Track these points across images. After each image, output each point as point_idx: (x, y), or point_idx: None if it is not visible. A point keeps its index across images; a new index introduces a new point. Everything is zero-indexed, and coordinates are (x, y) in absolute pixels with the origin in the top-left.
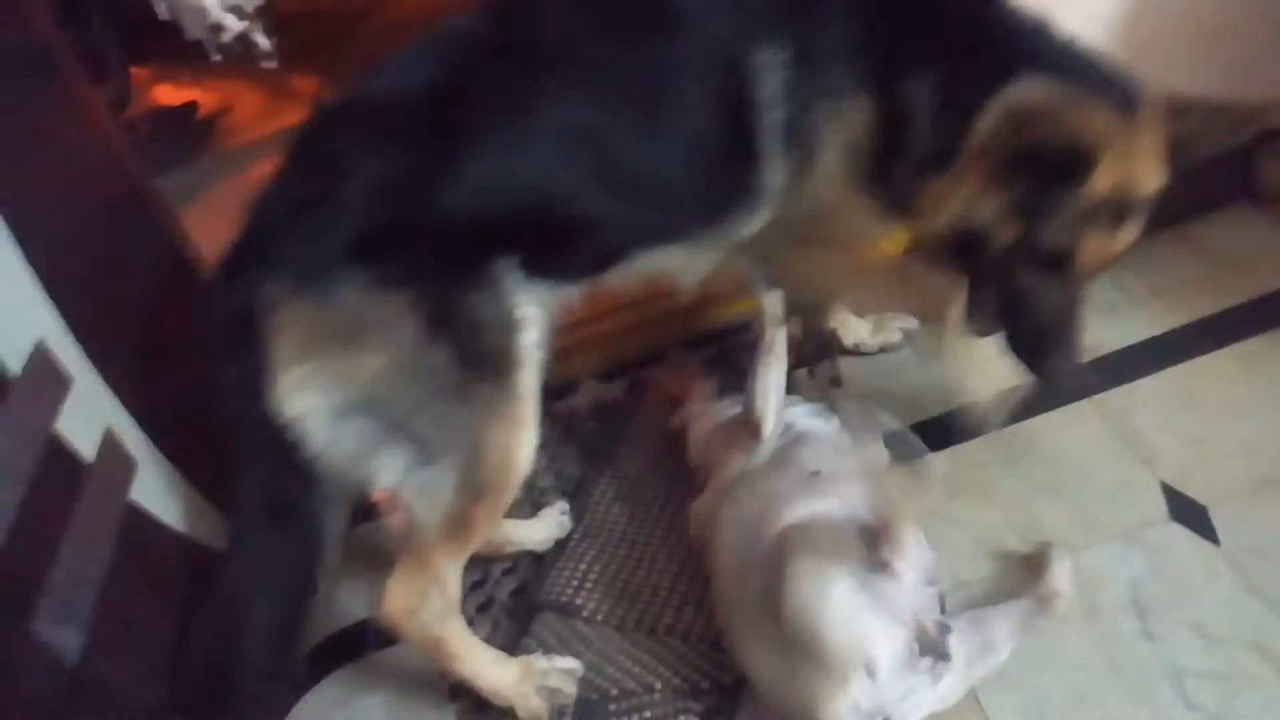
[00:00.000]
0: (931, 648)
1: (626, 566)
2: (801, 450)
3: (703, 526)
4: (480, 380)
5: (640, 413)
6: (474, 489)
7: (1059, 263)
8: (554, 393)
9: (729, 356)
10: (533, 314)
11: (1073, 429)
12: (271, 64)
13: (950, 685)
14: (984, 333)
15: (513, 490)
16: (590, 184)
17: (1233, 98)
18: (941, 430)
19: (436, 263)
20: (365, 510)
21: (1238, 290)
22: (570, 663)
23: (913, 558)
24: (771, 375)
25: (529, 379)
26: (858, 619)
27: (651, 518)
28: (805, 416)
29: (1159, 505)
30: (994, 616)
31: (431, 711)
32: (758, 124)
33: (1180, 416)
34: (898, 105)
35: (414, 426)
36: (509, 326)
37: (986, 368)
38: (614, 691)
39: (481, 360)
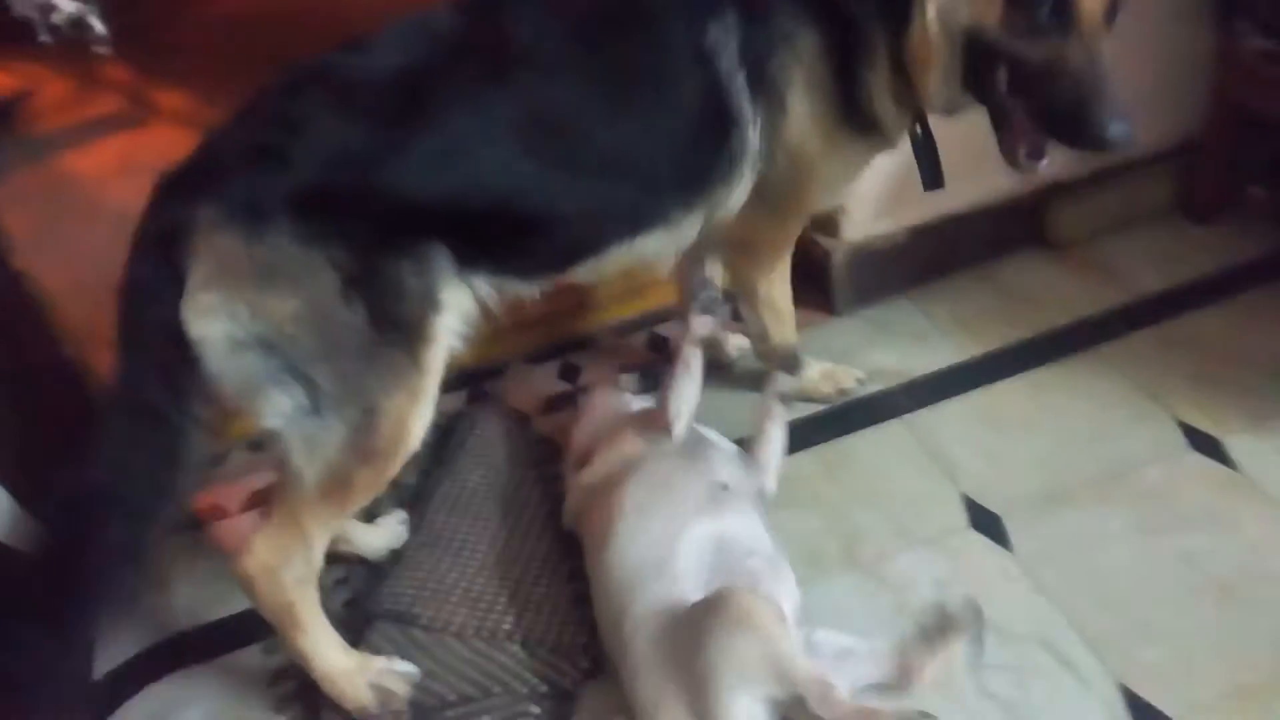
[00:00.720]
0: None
1: (466, 574)
2: (710, 454)
3: (586, 499)
4: (389, 346)
5: (481, 422)
6: (361, 451)
7: (1062, 22)
8: None
9: (572, 371)
10: (456, 299)
11: (887, 445)
12: (105, 50)
13: None
14: (1039, 152)
15: (399, 461)
16: (557, 177)
17: None
18: None
19: (369, 231)
20: (184, 520)
21: (1028, 324)
22: (409, 667)
23: (788, 594)
24: (686, 387)
25: (437, 358)
26: None
27: (492, 526)
28: (709, 431)
29: (960, 515)
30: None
31: None
32: (727, 92)
33: (979, 435)
34: (841, 25)
35: (311, 374)
36: (429, 304)
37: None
38: (451, 697)
39: (393, 328)
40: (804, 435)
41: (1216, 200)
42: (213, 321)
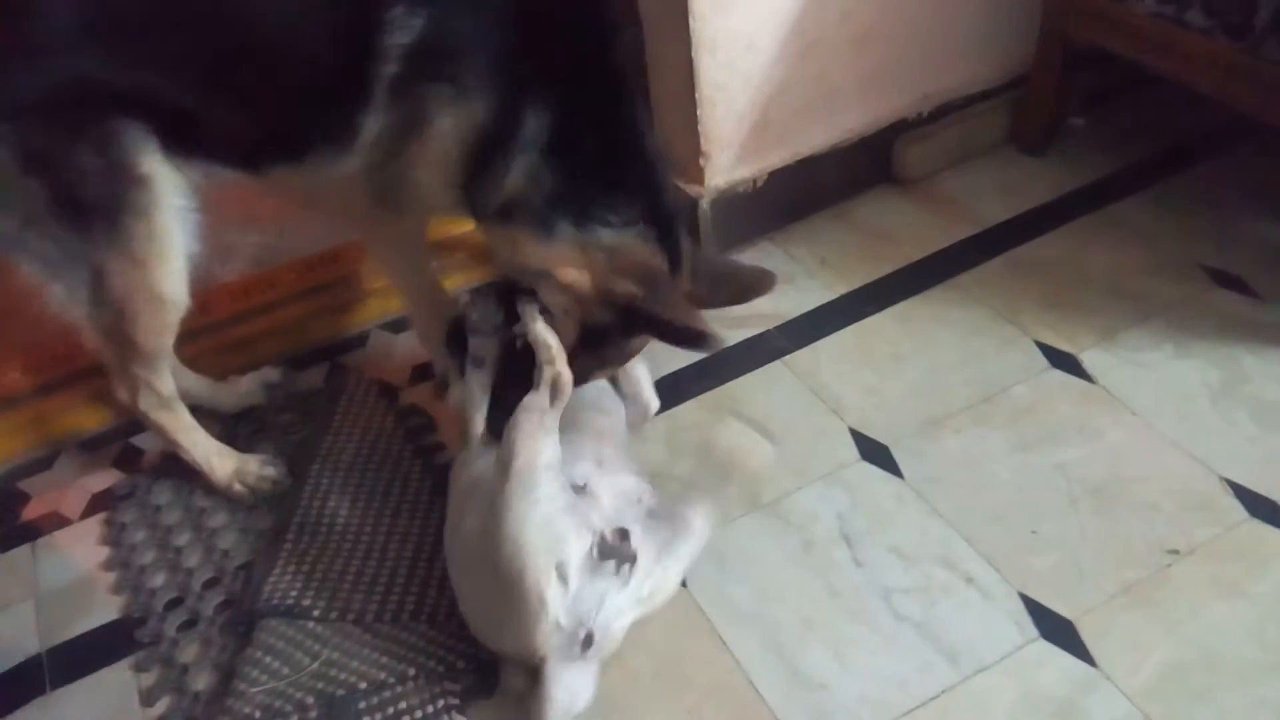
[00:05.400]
0: (611, 551)
1: (355, 559)
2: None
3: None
4: (92, 218)
5: (345, 398)
6: (111, 310)
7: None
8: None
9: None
10: (162, 173)
11: (771, 387)
12: None
13: (648, 584)
14: None
15: (159, 318)
16: (186, 72)
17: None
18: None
19: (35, 109)
20: (16, 532)
21: (887, 260)
22: (278, 472)
23: (613, 480)
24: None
25: (152, 228)
26: (554, 521)
27: (375, 506)
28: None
29: (851, 448)
30: (684, 503)
31: None
32: (373, 69)
33: (857, 370)
34: (508, 132)
35: (29, 241)
36: (126, 180)
37: None
38: (363, 685)
39: (89, 203)
40: (689, 384)
41: (1047, 132)
42: None
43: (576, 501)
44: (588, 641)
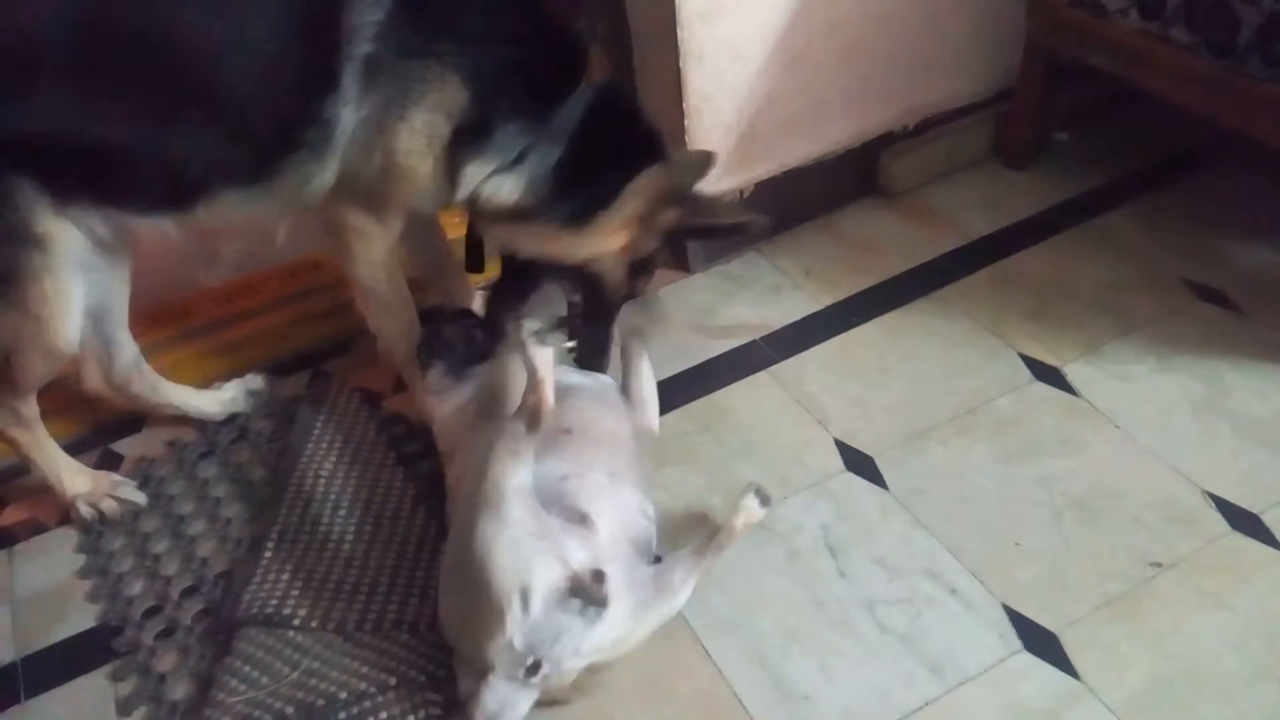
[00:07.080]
0: (583, 591)
1: (336, 568)
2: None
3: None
4: None
5: (327, 406)
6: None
7: None
8: None
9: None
10: (63, 231)
11: (757, 397)
12: None
13: (616, 633)
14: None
15: (45, 367)
16: (122, 103)
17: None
18: None
19: None
20: None
21: (873, 272)
22: (138, 496)
23: (618, 496)
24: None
25: (48, 288)
26: (522, 545)
27: (356, 514)
28: (569, 373)
29: (835, 459)
30: (670, 562)
31: None
32: (341, 52)
33: (842, 381)
34: (482, 114)
35: None
36: (19, 241)
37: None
38: (343, 695)
39: None
40: (674, 393)
41: (1031, 146)
42: None
43: (552, 528)
44: (533, 669)
